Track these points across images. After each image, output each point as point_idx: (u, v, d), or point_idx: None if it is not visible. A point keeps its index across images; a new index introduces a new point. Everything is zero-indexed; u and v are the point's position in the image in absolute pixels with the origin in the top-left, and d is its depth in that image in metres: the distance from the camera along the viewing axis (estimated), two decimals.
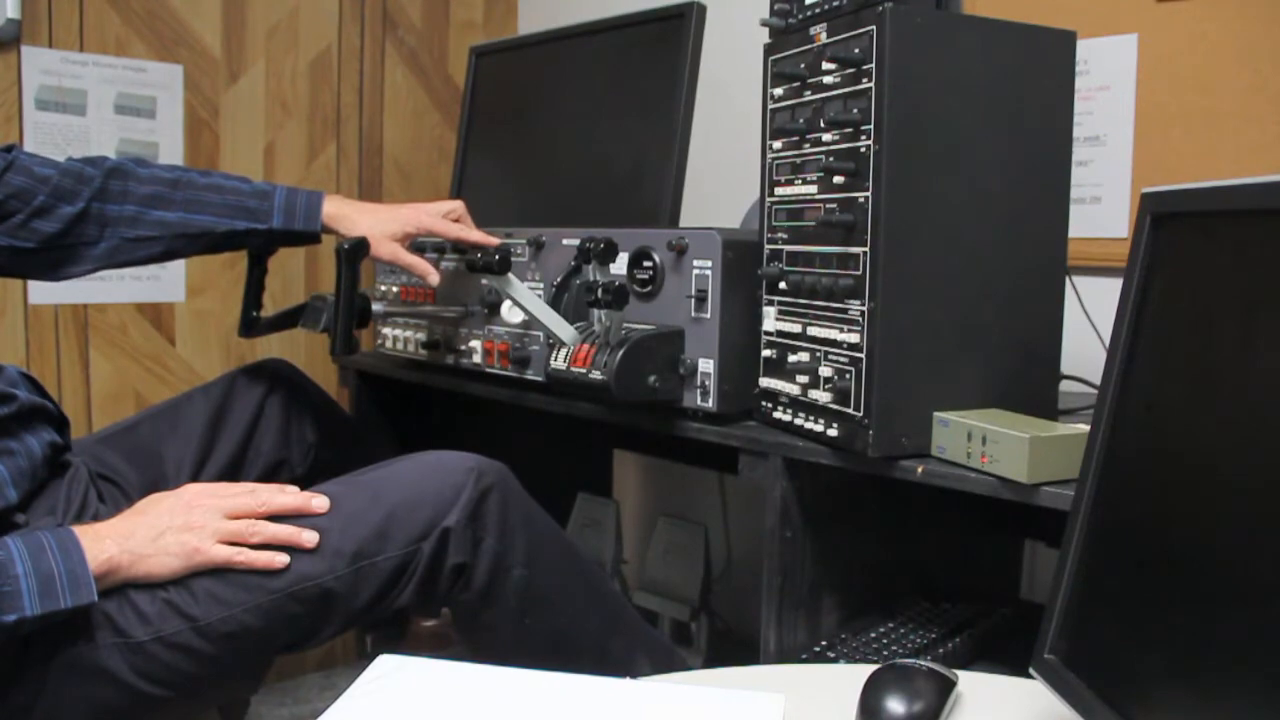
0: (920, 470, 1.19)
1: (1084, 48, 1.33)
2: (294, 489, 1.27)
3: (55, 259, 1.50)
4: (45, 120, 2.07)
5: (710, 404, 1.40)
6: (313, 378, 1.78)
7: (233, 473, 1.63)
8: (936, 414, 1.21)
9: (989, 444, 1.13)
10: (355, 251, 1.53)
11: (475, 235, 1.64)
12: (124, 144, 2.16)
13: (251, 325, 1.74)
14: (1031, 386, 1.29)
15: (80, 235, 1.50)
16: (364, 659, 2.07)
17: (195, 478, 1.58)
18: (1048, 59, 1.27)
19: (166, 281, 2.24)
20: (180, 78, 2.23)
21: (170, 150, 2.22)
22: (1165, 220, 0.79)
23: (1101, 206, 1.66)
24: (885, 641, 1.34)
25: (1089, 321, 1.46)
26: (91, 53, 2.12)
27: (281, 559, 1.19)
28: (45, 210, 1.46)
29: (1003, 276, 1.25)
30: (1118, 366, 0.81)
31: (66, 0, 2.08)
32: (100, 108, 2.14)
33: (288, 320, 1.75)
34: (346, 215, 1.61)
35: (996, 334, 1.26)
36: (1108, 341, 0.84)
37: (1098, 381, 1.37)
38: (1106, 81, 1.64)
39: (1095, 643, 0.79)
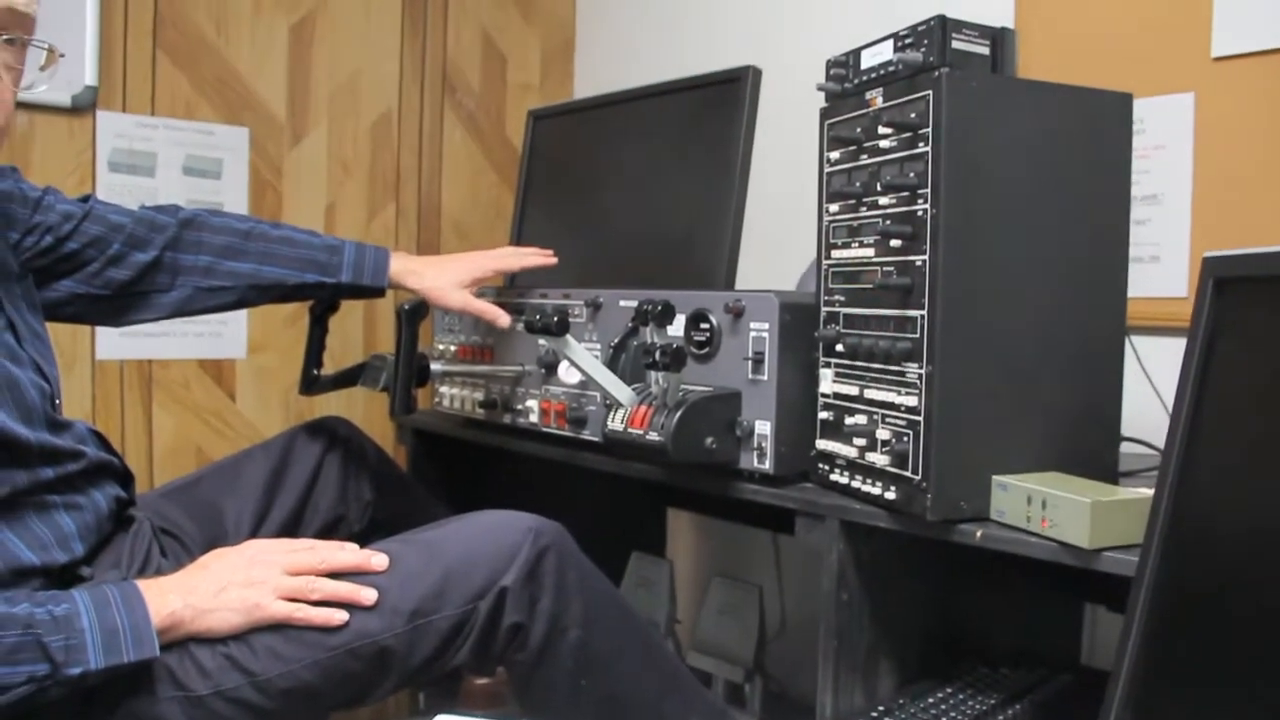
0: (979, 534, 1.18)
1: (1140, 106, 1.33)
2: (353, 547, 1.27)
3: (126, 305, 1.55)
4: (117, 181, 2.13)
5: (767, 466, 1.40)
6: (370, 435, 1.80)
7: (291, 529, 1.65)
8: (995, 477, 1.20)
9: (1049, 508, 1.12)
10: (415, 312, 1.56)
11: (536, 259, 1.68)
12: (191, 204, 2.19)
13: (312, 383, 1.77)
14: (1091, 449, 1.28)
15: (152, 283, 1.54)
16: (417, 716, 2.07)
17: (255, 533, 1.60)
18: (1104, 121, 1.28)
19: (228, 338, 2.28)
20: (246, 140, 2.29)
21: (235, 210, 2.25)
22: (1228, 284, 0.79)
23: (1160, 266, 1.65)
24: (944, 707, 1.32)
25: (1149, 382, 1.44)
26: (162, 116, 2.18)
27: (340, 616, 1.20)
28: (119, 258, 1.51)
29: (1062, 338, 1.25)
30: (1182, 431, 0.81)
31: (140, 67, 2.14)
32: (169, 169, 2.20)
33: (347, 379, 1.77)
34: (413, 270, 1.66)
35: (1056, 396, 1.25)
36: (1168, 402, 0.83)
37: (1158, 444, 1.36)
38: (1163, 140, 1.64)
39: (1163, 714, 0.78)
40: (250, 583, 1.20)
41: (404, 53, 2.50)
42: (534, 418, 1.74)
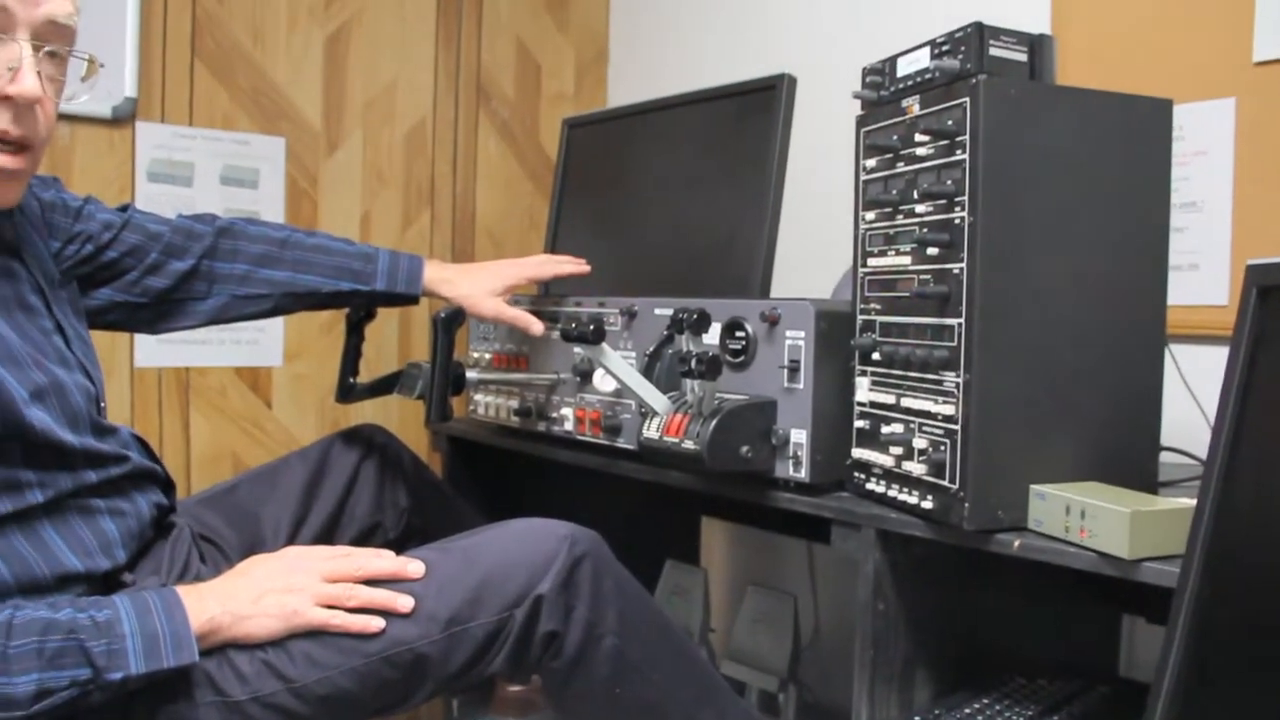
0: (1017, 544, 1.18)
1: (1180, 112, 1.32)
2: (390, 554, 1.28)
3: (164, 312, 1.57)
4: (155, 191, 2.15)
5: (802, 474, 1.39)
6: (405, 442, 1.81)
7: (328, 536, 1.66)
8: (1033, 487, 1.19)
9: (1088, 518, 1.11)
10: (451, 320, 1.57)
11: (569, 267, 1.69)
12: (228, 213, 2.20)
13: (348, 391, 1.78)
14: (1131, 458, 1.27)
15: (189, 291, 1.57)
16: None
17: (292, 540, 1.62)
18: (1144, 128, 1.27)
19: (265, 346, 2.30)
20: (282, 149, 2.31)
21: (271, 219, 2.28)
22: (1272, 293, 0.78)
23: (1200, 274, 1.63)
24: (980, 719, 1.31)
25: (1189, 391, 1.43)
26: (200, 127, 2.20)
27: (377, 623, 1.21)
28: (157, 266, 1.54)
29: (1101, 346, 1.24)
30: (1225, 440, 0.80)
31: (179, 78, 2.17)
32: (207, 179, 2.22)
33: (384, 387, 1.78)
34: (447, 279, 1.68)
35: (1094, 405, 1.24)
36: (1207, 411, 0.83)
37: (1199, 453, 1.35)
38: (1203, 146, 1.62)
39: None
40: (288, 589, 1.21)
41: (439, 62, 2.52)
42: (569, 426, 1.75)
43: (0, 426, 1.14)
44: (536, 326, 1.73)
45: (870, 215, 1.34)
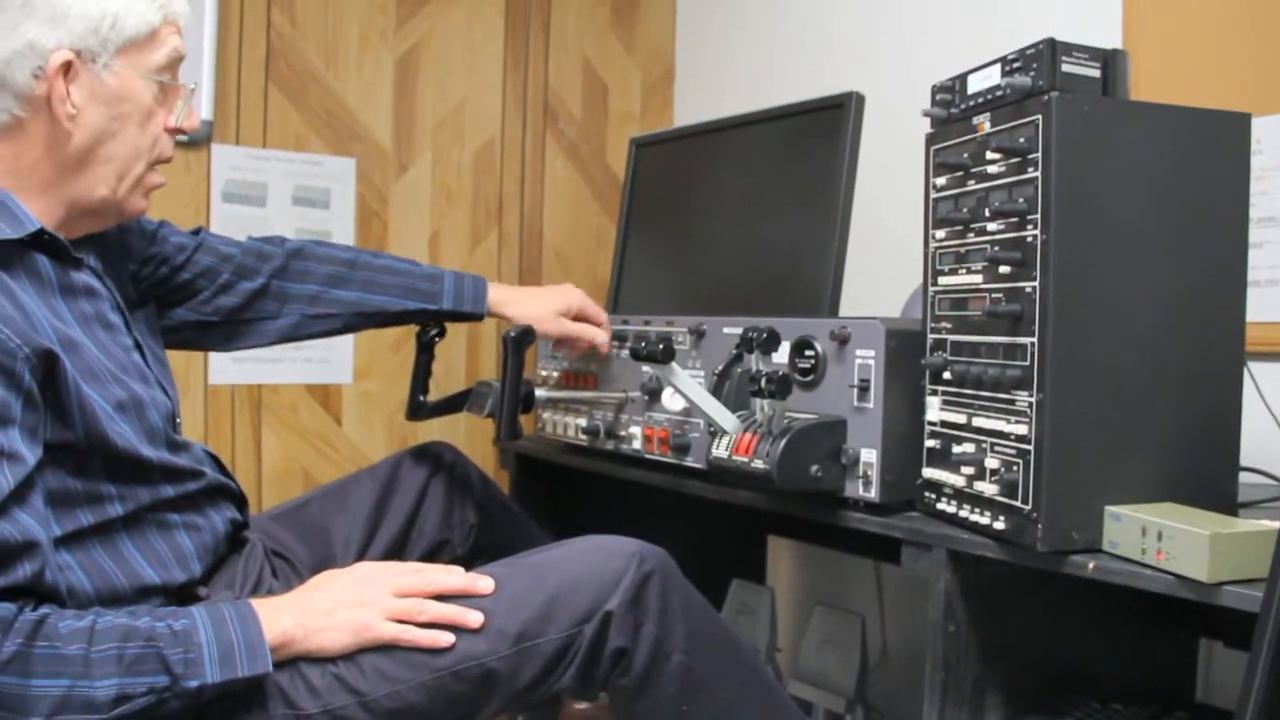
0: (1092, 566, 1.16)
1: (1258, 125, 1.29)
2: (460, 570, 1.29)
3: (235, 332, 1.62)
4: (230, 211, 2.19)
5: (872, 494, 1.38)
6: (473, 459, 1.82)
7: (397, 552, 1.68)
8: (1108, 508, 1.17)
9: (1165, 540, 1.09)
10: (521, 340, 1.58)
11: (603, 335, 1.75)
12: (299, 233, 2.27)
13: (418, 409, 1.79)
14: (1209, 479, 1.24)
15: (260, 310, 1.61)
16: None
17: (361, 556, 1.64)
18: (1221, 143, 1.25)
19: (335, 364, 2.33)
20: (353, 170, 2.35)
21: (341, 238, 2.32)
22: None
23: (1279, 290, 1.60)
24: None
25: (1268, 410, 1.40)
26: (273, 149, 2.24)
27: (447, 638, 1.22)
28: (228, 286, 1.58)
29: (1177, 365, 1.22)
30: None
31: (253, 101, 2.21)
32: (279, 199, 2.26)
33: (453, 405, 1.80)
34: (511, 299, 1.71)
35: (1171, 425, 1.22)
36: None
37: None
38: None
39: None
40: (360, 603, 1.23)
41: (506, 83, 2.54)
42: (637, 444, 1.75)
43: (84, 439, 1.16)
44: (601, 338, 1.75)
45: (940, 233, 1.34)
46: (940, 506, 1.34)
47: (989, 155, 1.24)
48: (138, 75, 1.25)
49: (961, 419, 1.29)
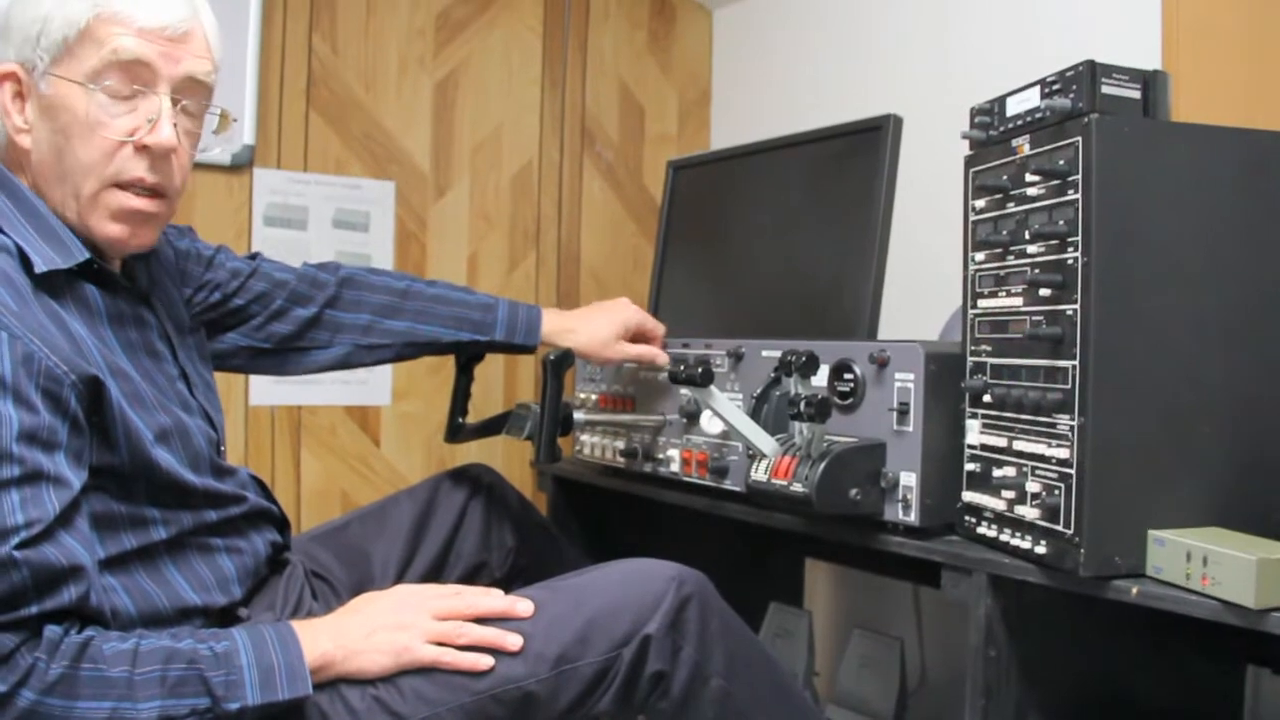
0: (1135, 591, 1.15)
1: None
2: (499, 593, 1.29)
3: (286, 359, 1.63)
4: (271, 235, 2.22)
5: (912, 518, 1.38)
6: (511, 481, 1.83)
7: (435, 574, 1.68)
8: (1152, 532, 1.16)
9: (1210, 565, 1.08)
10: (560, 363, 1.59)
11: (663, 357, 1.75)
12: (339, 255, 2.29)
13: (457, 431, 1.80)
14: (1255, 504, 1.23)
15: (313, 339, 1.62)
16: None
17: (400, 578, 1.64)
18: (1264, 162, 1.23)
19: (374, 386, 2.35)
20: (392, 193, 2.37)
21: (380, 260, 2.34)
22: None
23: None
24: None
25: None
26: (314, 172, 2.27)
27: (486, 661, 1.22)
28: (281, 313, 1.59)
29: (1222, 388, 1.21)
30: None
31: (294, 125, 2.24)
32: (320, 222, 2.28)
33: (492, 427, 1.81)
34: (568, 329, 1.72)
35: (1216, 448, 1.21)
36: None
37: None
38: None
39: None
40: (399, 626, 1.23)
41: (544, 106, 2.56)
42: (675, 467, 1.75)
43: (129, 463, 1.18)
44: (662, 357, 1.77)
45: (980, 256, 1.33)
46: (980, 530, 1.33)
47: (1028, 177, 1.24)
48: (72, 82, 1.17)
49: (1002, 442, 1.29)
